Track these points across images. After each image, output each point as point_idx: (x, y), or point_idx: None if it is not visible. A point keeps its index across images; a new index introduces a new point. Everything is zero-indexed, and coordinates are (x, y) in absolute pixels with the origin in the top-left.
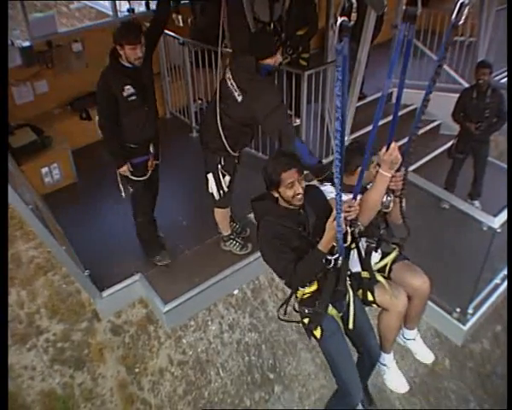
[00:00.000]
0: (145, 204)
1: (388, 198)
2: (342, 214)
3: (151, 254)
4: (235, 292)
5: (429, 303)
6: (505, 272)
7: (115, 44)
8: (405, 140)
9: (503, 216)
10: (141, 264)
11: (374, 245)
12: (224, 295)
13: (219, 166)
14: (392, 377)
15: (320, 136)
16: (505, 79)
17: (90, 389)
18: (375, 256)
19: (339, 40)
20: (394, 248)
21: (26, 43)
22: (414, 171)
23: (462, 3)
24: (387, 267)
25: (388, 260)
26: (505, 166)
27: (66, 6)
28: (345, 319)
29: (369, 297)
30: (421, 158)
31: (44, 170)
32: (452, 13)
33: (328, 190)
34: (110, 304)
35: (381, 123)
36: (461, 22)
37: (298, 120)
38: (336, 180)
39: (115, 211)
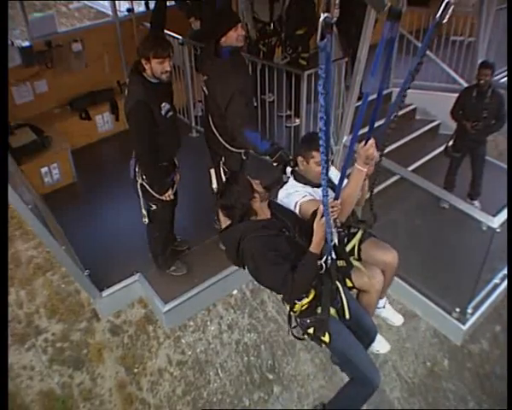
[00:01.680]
0: (167, 220)
1: None
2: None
3: (164, 266)
4: (235, 292)
5: (429, 303)
6: (505, 272)
7: (140, 58)
8: (402, 141)
9: (503, 216)
10: (140, 264)
11: (344, 232)
12: (224, 295)
13: (221, 162)
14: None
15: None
16: (505, 79)
17: (89, 389)
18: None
19: (321, 37)
20: (359, 228)
21: (26, 44)
22: (414, 171)
23: (447, 2)
24: (355, 248)
25: (355, 241)
26: (505, 166)
27: (66, 6)
28: (340, 312)
29: (348, 283)
30: (420, 158)
31: (44, 170)
32: (437, 11)
33: (280, 198)
34: (109, 304)
35: (381, 123)
36: (445, 21)
37: (298, 120)
38: (323, 181)
39: (115, 211)
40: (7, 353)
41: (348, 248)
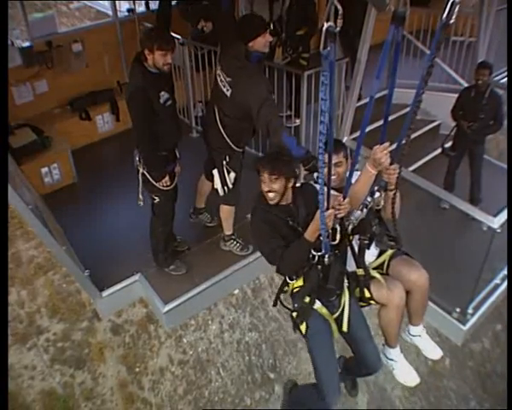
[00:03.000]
0: (168, 214)
1: (377, 194)
2: (329, 211)
3: (164, 264)
4: (236, 292)
5: (429, 303)
6: (505, 272)
7: (144, 48)
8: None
9: (503, 216)
10: (141, 264)
11: (366, 242)
12: (225, 295)
13: (224, 162)
14: (402, 371)
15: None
16: (505, 79)
17: (90, 388)
18: (373, 254)
19: (325, 46)
20: (391, 245)
21: (26, 44)
22: (414, 171)
23: (452, 2)
24: (385, 264)
25: (385, 256)
26: (505, 166)
27: (67, 6)
28: (339, 322)
29: (366, 294)
30: (420, 158)
31: (44, 170)
32: (443, 12)
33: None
34: (110, 304)
35: (379, 123)
36: (451, 21)
37: (298, 120)
38: (320, 181)
39: (115, 211)
40: (7, 353)
41: (377, 263)
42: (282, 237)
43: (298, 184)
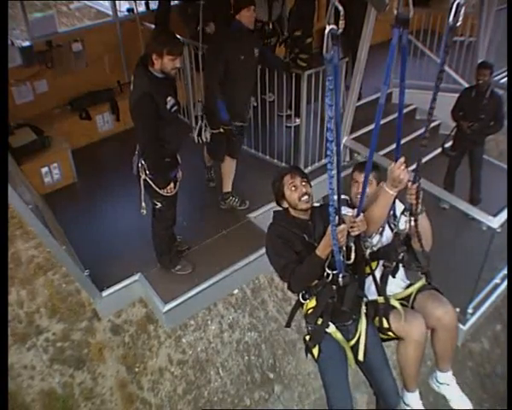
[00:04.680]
0: (170, 219)
1: (403, 219)
2: (342, 226)
3: (170, 265)
4: (235, 292)
5: None
6: (505, 271)
7: (152, 52)
8: (402, 141)
9: (503, 216)
10: (141, 264)
11: (390, 269)
12: (224, 294)
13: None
14: None
15: (320, 136)
16: (505, 79)
17: (89, 388)
18: (400, 285)
19: (327, 49)
20: (421, 278)
21: (26, 43)
22: (414, 171)
23: (458, 4)
24: (412, 297)
25: (413, 289)
26: (505, 166)
27: (67, 6)
28: (355, 350)
29: (385, 324)
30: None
31: (44, 170)
32: (449, 14)
33: (345, 210)
34: (110, 304)
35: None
36: (458, 23)
37: (298, 120)
38: (330, 191)
39: (115, 211)
40: (7, 352)
41: (403, 295)
42: (296, 253)
43: (317, 204)
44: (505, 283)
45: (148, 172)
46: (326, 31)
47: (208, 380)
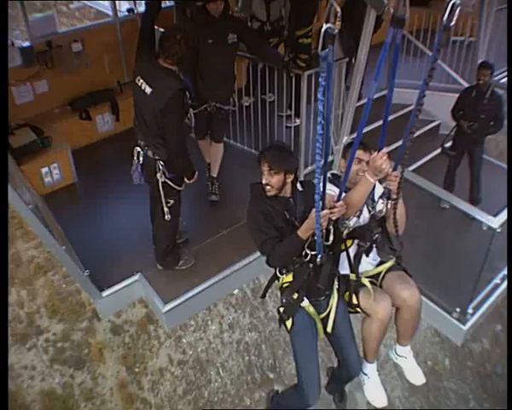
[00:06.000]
0: (179, 214)
1: (380, 202)
2: (324, 212)
3: (173, 263)
4: (236, 292)
5: (429, 303)
6: (505, 272)
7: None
8: (402, 141)
9: (503, 216)
10: (141, 264)
11: (364, 248)
12: (224, 295)
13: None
14: (371, 389)
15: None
16: (505, 79)
17: (89, 388)
18: (371, 263)
19: (323, 47)
20: (391, 258)
21: (26, 43)
22: (414, 171)
23: (453, 4)
24: (381, 276)
25: (382, 268)
26: (505, 166)
27: (66, 6)
28: (324, 322)
29: (354, 300)
30: (420, 158)
31: (44, 170)
32: (444, 14)
33: (328, 187)
34: (110, 304)
35: (379, 123)
36: (452, 23)
37: (298, 120)
38: (316, 180)
39: (115, 211)
40: (7, 353)
41: (373, 273)
42: (276, 229)
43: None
44: (505, 283)
45: (167, 172)
46: (322, 29)
47: (208, 380)
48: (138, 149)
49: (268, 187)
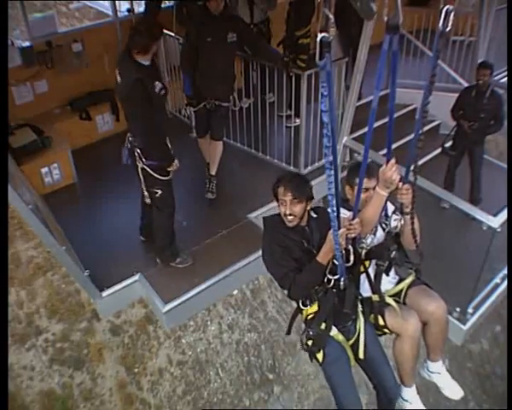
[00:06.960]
0: (171, 205)
1: (395, 217)
2: (341, 230)
3: (171, 259)
4: (235, 292)
5: None
6: (505, 272)
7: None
8: (402, 141)
9: (503, 216)
10: (141, 264)
11: (383, 267)
12: (224, 295)
13: None
14: None
15: (320, 136)
16: (505, 79)
17: (89, 389)
18: (391, 281)
19: (320, 56)
20: (410, 273)
21: (26, 43)
22: (407, 172)
23: (447, 10)
24: (403, 293)
25: (404, 285)
26: (505, 166)
27: (66, 6)
28: (355, 349)
29: (380, 321)
30: (420, 158)
31: (44, 170)
32: (439, 20)
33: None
34: (110, 304)
35: (379, 123)
36: (448, 29)
37: (298, 120)
38: (330, 197)
39: (115, 211)
40: (7, 353)
41: (395, 291)
42: (295, 260)
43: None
44: (505, 283)
45: (144, 159)
46: (317, 38)
47: (208, 381)
48: (128, 134)
49: (291, 217)
